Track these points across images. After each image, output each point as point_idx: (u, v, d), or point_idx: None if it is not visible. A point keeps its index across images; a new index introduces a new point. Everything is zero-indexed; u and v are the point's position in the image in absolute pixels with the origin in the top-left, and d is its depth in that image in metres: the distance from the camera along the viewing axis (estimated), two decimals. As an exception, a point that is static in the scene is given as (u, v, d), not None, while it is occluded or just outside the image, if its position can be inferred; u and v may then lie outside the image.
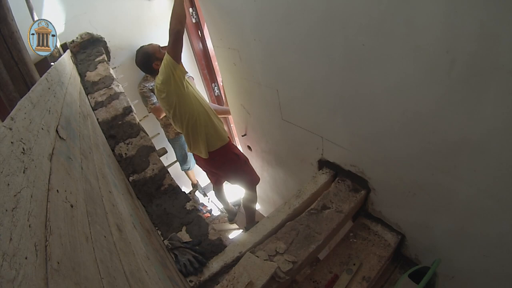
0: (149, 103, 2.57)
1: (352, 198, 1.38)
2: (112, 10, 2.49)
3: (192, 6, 2.73)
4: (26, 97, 0.67)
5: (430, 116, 0.93)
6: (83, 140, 1.00)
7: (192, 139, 1.83)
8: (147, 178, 1.52)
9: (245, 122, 2.33)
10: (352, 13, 0.98)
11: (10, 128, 0.51)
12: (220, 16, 1.78)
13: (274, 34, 1.39)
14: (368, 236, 1.38)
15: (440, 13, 0.76)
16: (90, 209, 0.68)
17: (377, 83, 1.04)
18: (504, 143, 0.78)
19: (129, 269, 0.68)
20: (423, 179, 1.08)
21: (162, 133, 2.89)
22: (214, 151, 1.83)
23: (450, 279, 1.21)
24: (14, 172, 0.45)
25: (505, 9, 0.64)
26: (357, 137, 1.29)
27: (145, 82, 2.63)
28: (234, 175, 2.03)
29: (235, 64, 1.89)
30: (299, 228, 1.28)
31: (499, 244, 0.95)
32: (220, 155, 1.86)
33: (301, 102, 1.51)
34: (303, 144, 1.70)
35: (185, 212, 1.38)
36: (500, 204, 0.88)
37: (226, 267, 1.19)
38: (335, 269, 1.27)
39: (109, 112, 1.82)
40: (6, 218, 0.38)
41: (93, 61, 2.22)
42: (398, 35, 0.88)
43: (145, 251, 0.91)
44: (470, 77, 0.78)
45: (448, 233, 1.12)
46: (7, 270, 0.32)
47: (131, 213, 1.08)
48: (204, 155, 1.83)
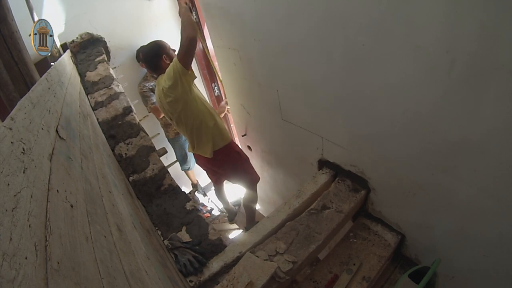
0: (149, 103, 2.57)
1: (352, 198, 1.38)
2: (112, 10, 2.49)
3: (192, 6, 2.73)
4: (26, 97, 0.67)
5: (430, 116, 0.93)
6: (83, 140, 1.00)
7: (196, 140, 1.84)
8: (147, 178, 1.52)
9: (245, 122, 2.33)
10: (352, 13, 0.98)
11: (10, 128, 0.51)
12: (220, 16, 1.78)
13: (274, 34, 1.39)
14: (368, 236, 1.38)
15: (440, 13, 0.76)
16: (90, 209, 0.68)
17: (377, 83, 1.04)
18: (504, 143, 0.78)
19: (129, 269, 0.68)
20: (423, 179, 1.08)
21: (162, 133, 2.89)
22: (217, 150, 1.84)
23: (450, 279, 1.21)
24: (14, 172, 0.45)
25: (505, 9, 0.65)
26: (357, 137, 1.29)
27: (145, 81, 2.63)
28: (235, 174, 2.03)
29: (235, 64, 1.89)
30: (299, 228, 1.28)
31: (499, 244, 0.95)
32: (223, 154, 1.86)
33: (301, 102, 1.51)
34: (303, 144, 1.70)
35: (185, 212, 1.38)
36: (500, 204, 0.88)
37: (226, 267, 1.18)
38: (335, 269, 1.27)
39: (109, 112, 1.82)
40: (6, 218, 0.38)
41: (93, 61, 2.22)
42: (398, 35, 0.88)
43: (145, 251, 0.91)
44: (470, 77, 0.78)
45: (448, 233, 1.12)
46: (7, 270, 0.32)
47: (131, 213, 1.08)
48: (209, 155, 1.84)
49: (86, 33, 2.35)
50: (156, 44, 1.83)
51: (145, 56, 1.84)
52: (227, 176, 2.13)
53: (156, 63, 1.78)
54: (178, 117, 1.73)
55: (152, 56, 1.79)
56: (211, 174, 2.24)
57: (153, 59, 1.78)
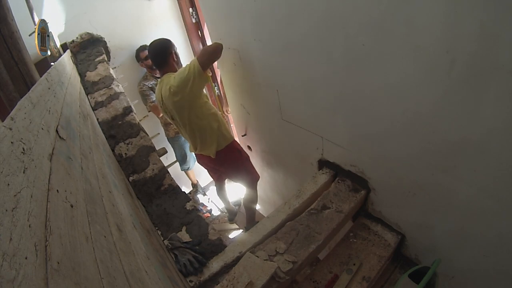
0: (149, 101, 2.57)
1: (352, 198, 1.38)
2: (112, 10, 2.49)
3: (192, 6, 2.73)
4: (26, 97, 0.67)
5: (430, 116, 0.93)
6: (83, 140, 1.00)
7: (200, 142, 1.82)
8: (147, 178, 1.52)
9: (245, 122, 2.33)
10: (352, 13, 0.98)
11: (10, 128, 0.51)
12: (220, 16, 1.78)
13: (274, 34, 1.39)
14: (368, 236, 1.38)
15: (440, 13, 0.76)
16: (90, 209, 0.68)
17: (377, 83, 1.04)
18: (504, 143, 0.78)
19: (129, 269, 0.68)
20: (423, 179, 1.08)
21: (162, 133, 2.89)
22: (220, 150, 1.84)
23: (450, 279, 1.21)
24: (14, 172, 0.45)
25: (505, 9, 0.65)
26: (357, 137, 1.29)
27: (145, 81, 2.63)
28: (236, 172, 2.03)
29: (235, 64, 1.89)
30: (299, 228, 1.28)
31: (499, 244, 0.95)
32: (225, 153, 1.86)
33: (301, 102, 1.51)
34: (303, 144, 1.70)
35: (185, 212, 1.38)
36: (500, 204, 0.88)
37: (226, 267, 1.19)
38: (335, 269, 1.27)
39: (109, 112, 1.83)
40: (6, 218, 0.38)
41: (93, 61, 2.22)
42: (398, 35, 0.88)
43: (145, 251, 0.91)
44: (470, 77, 0.78)
45: (448, 233, 1.12)
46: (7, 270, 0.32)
47: (131, 213, 1.08)
48: (213, 155, 1.83)
49: (86, 33, 2.36)
50: (166, 40, 1.78)
51: (154, 50, 1.75)
52: (228, 174, 2.13)
53: (164, 58, 1.72)
54: (181, 118, 1.71)
55: (161, 51, 1.72)
56: (213, 172, 2.24)
57: (162, 54, 1.72)
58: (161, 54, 1.73)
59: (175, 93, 1.61)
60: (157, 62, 1.75)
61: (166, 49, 1.73)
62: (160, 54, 1.73)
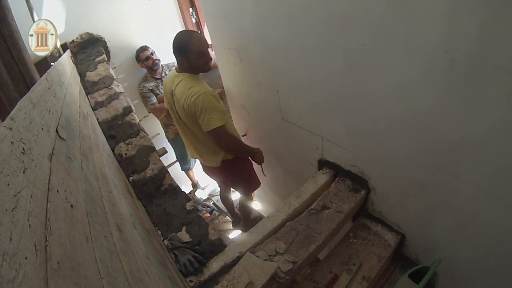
0: (149, 103, 2.57)
1: (352, 198, 1.38)
2: (112, 10, 2.49)
3: (192, 6, 2.73)
4: (26, 97, 0.68)
5: (430, 116, 0.93)
6: (83, 140, 1.00)
7: (204, 152, 1.77)
8: (147, 178, 1.52)
9: (245, 122, 2.33)
10: (352, 13, 0.98)
11: (10, 128, 0.51)
12: (220, 16, 1.78)
13: (274, 34, 1.39)
14: (368, 236, 1.38)
15: (440, 13, 0.76)
16: (90, 209, 0.68)
17: (377, 83, 1.04)
18: (504, 143, 0.78)
19: (129, 269, 0.68)
20: (423, 179, 1.08)
21: (162, 133, 2.89)
22: (225, 160, 1.78)
23: (450, 279, 1.21)
24: (14, 172, 0.45)
25: (505, 9, 0.64)
26: (357, 137, 1.29)
27: (145, 82, 2.63)
28: (237, 181, 2.01)
29: (235, 64, 1.89)
30: (299, 228, 1.28)
31: (499, 244, 0.95)
32: (230, 162, 1.81)
33: (301, 102, 1.51)
34: (303, 144, 1.70)
35: (185, 212, 1.38)
36: (500, 204, 0.88)
37: (226, 267, 1.19)
38: (335, 269, 1.27)
39: (109, 112, 1.83)
40: (6, 218, 0.38)
41: (93, 61, 2.22)
42: (398, 35, 0.88)
43: (145, 251, 0.91)
44: (470, 77, 0.77)
45: (448, 233, 1.12)
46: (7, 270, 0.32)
47: (131, 213, 1.08)
48: (219, 165, 1.78)
49: (86, 33, 2.36)
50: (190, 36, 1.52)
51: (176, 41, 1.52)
52: (230, 183, 2.12)
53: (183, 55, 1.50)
54: (191, 126, 1.63)
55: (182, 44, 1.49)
56: (218, 180, 2.20)
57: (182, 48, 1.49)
58: (183, 46, 1.50)
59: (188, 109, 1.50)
60: (176, 50, 1.53)
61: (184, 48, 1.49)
62: (182, 45, 1.50)
